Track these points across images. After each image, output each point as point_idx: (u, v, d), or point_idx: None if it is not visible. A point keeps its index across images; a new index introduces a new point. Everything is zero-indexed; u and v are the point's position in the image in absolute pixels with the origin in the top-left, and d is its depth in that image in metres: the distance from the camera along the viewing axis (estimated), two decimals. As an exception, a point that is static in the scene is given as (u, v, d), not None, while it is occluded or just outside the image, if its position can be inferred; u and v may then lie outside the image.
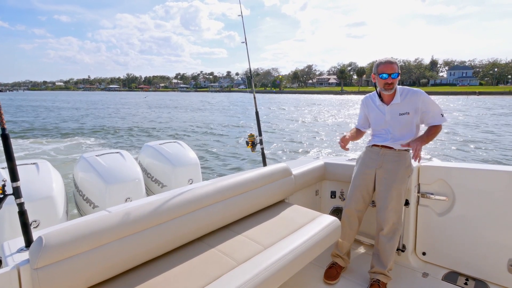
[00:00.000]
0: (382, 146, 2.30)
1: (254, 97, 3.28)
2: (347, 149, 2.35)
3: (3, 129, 1.45)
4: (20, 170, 2.18)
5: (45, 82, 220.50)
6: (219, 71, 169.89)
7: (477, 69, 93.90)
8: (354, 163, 2.68)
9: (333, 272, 2.36)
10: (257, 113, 3.23)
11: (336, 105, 42.10)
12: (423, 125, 2.30)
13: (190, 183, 3.57)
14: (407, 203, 2.47)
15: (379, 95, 2.32)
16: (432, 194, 2.47)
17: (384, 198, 2.23)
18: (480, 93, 64.89)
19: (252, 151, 3.12)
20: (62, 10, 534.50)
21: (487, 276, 2.26)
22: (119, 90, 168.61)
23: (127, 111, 34.40)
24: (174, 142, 3.92)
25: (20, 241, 1.57)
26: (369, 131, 2.56)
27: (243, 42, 3.23)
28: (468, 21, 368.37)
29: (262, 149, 3.18)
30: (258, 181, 2.37)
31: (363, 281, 2.33)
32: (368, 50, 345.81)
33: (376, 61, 2.25)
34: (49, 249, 1.31)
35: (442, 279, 2.33)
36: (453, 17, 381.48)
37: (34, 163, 2.77)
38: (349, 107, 38.03)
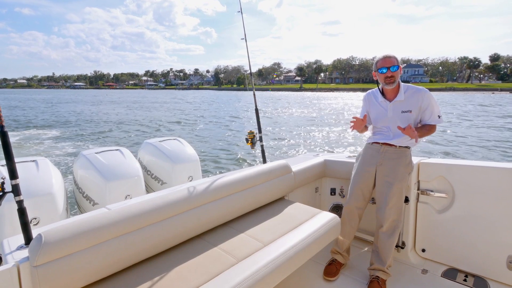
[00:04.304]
0: (383, 143, 2.29)
1: (254, 95, 3.27)
2: (359, 127, 2.27)
3: (2, 127, 1.44)
4: (20, 167, 2.18)
5: (5, 80, 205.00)
6: (196, 68, 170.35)
7: (428, 68, 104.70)
8: (354, 160, 2.67)
9: (332, 268, 2.36)
10: (257, 110, 3.22)
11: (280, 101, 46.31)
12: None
13: (190, 180, 3.58)
14: (406, 200, 2.47)
15: (382, 92, 2.30)
16: (431, 191, 2.47)
17: (384, 195, 2.22)
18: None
19: (251, 148, 3.11)
20: (23, 3, 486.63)
21: (486, 272, 2.26)
22: (85, 88, 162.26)
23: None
24: (174, 139, 3.92)
25: (20, 239, 1.57)
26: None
27: (243, 39, 3.21)
28: (436, 20, 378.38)
29: (262, 146, 3.18)
30: (258, 178, 2.37)
31: (362, 277, 2.33)
32: (343, 48, 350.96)
33: (375, 58, 2.26)
34: (49, 246, 1.31)
35: (441, 276, 2.33)
36: (422, 17, 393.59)
37: (33, 161, 2.78)
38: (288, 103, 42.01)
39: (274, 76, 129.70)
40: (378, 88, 2.34)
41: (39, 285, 1.28)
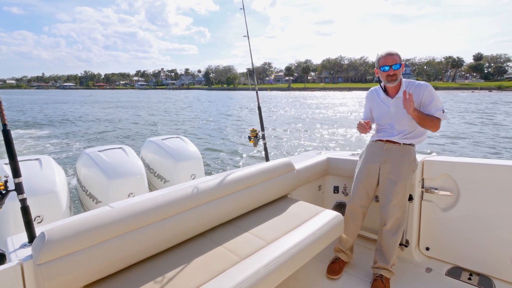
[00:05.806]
0: (387, 141, 2.28)
1: (257, 93, 3.27)
2: (368, 131, 2.32)
3: (4, 125, 1.44)
4: (23, 166, 2.15)
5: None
6: (187, 68, 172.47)
7: (415, 67, 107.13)
8: (357, 158, 2.66)
9: (336, 267, 2.36)
10: (259, 108, 3.22)
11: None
12: None
13: (193, 178, 3.57)
14: (410, 198, 2.46)
15: (384, 89, 2.30)
16: (436, 189, 2.45)
17: (388, 193, 2.21)
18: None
19: (254, 146, 3.12)
20: (12, 2, 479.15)
21: (491, 271, 2.25)
22: (75, 88, 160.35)
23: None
24: (177, 137, 3.92)
25: (24, 237, 1.57)
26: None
27: (245, 36, 3.21)
28: (428, 20, 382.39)
29: (265, 144, 3.18)
30: (260, 176, 2.36)
31: (366, 276, 2.33)
32: (337, 47, 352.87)
33: (377, 55, 2.23)
34: (52, 244, 1.31)
35: (445, 274, 2.32)
36: (414, 16, 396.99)
37: (37, 159, 2.76)
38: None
39: (273, 76, 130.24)
40: (380, 85, 2.33)
41: (42, 283, 1.28)
